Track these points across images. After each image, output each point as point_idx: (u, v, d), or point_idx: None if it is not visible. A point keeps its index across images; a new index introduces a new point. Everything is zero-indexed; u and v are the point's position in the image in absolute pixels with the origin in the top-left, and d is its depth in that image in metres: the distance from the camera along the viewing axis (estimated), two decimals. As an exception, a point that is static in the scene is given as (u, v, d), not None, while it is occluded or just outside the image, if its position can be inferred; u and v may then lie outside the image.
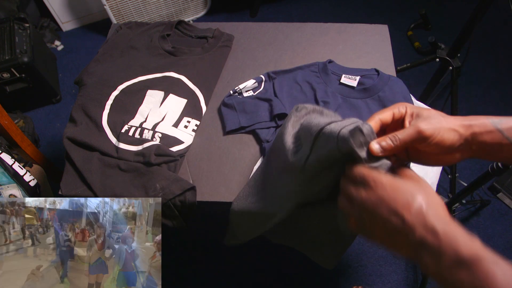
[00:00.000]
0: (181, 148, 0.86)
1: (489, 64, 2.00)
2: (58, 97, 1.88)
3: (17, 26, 1.68)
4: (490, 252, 0.34)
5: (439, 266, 0.35)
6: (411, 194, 0.39)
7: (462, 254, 0.34)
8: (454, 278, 0.34)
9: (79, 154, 0.84)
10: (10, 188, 1.04)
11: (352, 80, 0.92)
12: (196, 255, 1.45)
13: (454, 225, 0.36)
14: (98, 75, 0.96)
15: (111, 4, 1.87)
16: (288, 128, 0.64)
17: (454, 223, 0.37)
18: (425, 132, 0.43)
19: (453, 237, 0.35)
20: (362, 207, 0.42)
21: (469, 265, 0.33)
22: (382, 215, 0.40)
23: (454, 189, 1.45)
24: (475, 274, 0.33)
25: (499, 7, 2.09)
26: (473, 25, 1.16)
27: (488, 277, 0.32)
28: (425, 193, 0.39)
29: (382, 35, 1.08)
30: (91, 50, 2.11)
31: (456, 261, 0.34)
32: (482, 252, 0.34)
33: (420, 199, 0.38)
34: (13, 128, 1.14)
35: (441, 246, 0.35)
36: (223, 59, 1.03)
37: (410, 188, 0.39)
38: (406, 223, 0.38)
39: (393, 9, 2.27)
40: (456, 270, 0.34)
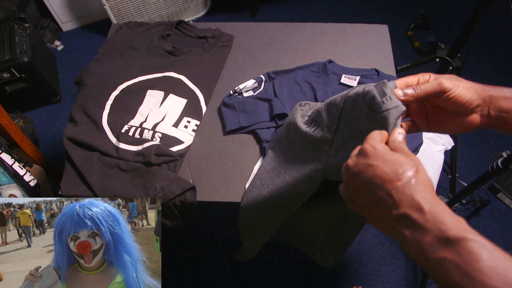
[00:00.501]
0: (181, 148, 0.86)
1: (489, 64, 2.00)
2: (58, 97, 1.88)
3: (17, 26, 1.68)
4: (476, 233, 0.33)
5: (421, 244, 0.34)
6: (402, 166, 0.38)
7: (448, 234, 0.33)
8: (436, 256, 0.33)
9: (79, 154, 0.84)
10: (10, 188, 1.04)
11: (352, 80, 0.92)
12: (196, 255, 1.45)
13: (441, 205, 0.36)
14: (98, 75, 0.96)
15: (111, 4, 1.87)
16: (297, 118, 0.70)
17: (442, 202, 0.36)
18: (445, 84, 0.45)
19: (440, 216, 0.34)
20: (353, 173, 0.42)
21: (454, 244, 0.33)
22: (368, 184, 0.39)
23: (454, 189, 1.45)
24: (460, 254, 0.32)
25: (499, 7, 2.09)
26: (473, 25, 1.16)
27: (473, 258, 0.31)
28: (416, 168, 0.38)
29: (382, 35, 1.08)
30: (91, 50, 2.11)
31: (440, 239, 0.33)
32: (468, 233, 0.33)
33: (410, 174, 0.37)
34: (13, 128, 1.14)
35: (426, 223, 0.34)
36: (223, 59, 1.03)
37: (402, 161, 0.39)
38: (392, 196, 0.37)
39: (393, 9, 2.27)
40: (440, 248, 0.33)
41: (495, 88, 0.47)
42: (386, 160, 0.39)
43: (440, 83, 0.46)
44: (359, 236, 1.47)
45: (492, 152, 1.66)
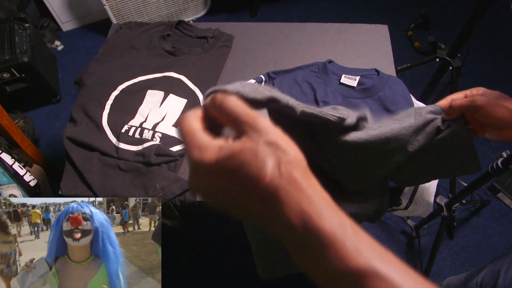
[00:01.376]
0: (181, 148, 0.86)
1: (489, 64, 2.00)
2: (58, 97, 1.88)
3: (17, 26, 1.68)
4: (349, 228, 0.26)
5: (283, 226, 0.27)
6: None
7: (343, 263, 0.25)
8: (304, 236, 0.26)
9: (79, 154, 0.84)
10: (10, 188, 1.04)
11: (352, 80, 0.92)
12: (196, 255, 1.45)
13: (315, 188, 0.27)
14: (98, 75, 0.96)
15: (111, 4, 1.87)
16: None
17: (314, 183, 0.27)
18: (477, 102, 0.50)
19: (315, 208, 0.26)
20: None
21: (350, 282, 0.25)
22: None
23: (454, 189, 1.45)
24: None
25: (499, 7, 2.09)
26: (473, 25, 1.16)
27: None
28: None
29: (382, 35, 1.08)
30: (91, 50, 2.11)
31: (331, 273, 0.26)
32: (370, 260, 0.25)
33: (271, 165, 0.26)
34: (13, 128, 1.14)
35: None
36: (223, 59, 1.03)
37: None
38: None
39: (393, 9, 2.27)
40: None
41: None
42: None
43: (473, 101, 0.51)
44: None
45: (492, 152, 1.66)
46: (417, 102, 0.91)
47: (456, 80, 1.34)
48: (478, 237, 1.46)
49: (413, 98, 0.90)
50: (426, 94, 1.54)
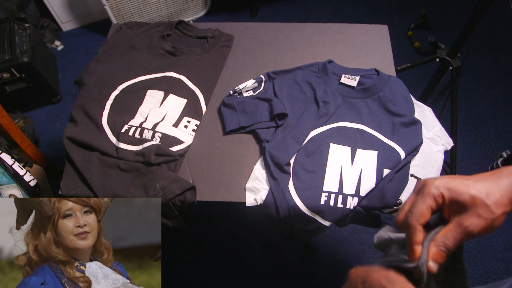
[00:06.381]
0: (181, 148, 0.86)
1: (489, 64, 2.00)
2: (58, 97, 1.88)
3: (17, 26, 1.68)
4: None
5: None
6: None
7: None
8: None
9: (79, 154, 0.84)
10: (10, 188, 1.04)
11: (352, 80, 0.92)
12: (196, 255, 1.46)
13: None
14: (98, 75, 0.96)
15: (111, 4, 1.87)
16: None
17: None
18: (474, 232, 0.41)
19: None
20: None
21: None
22: None
23: (454, 189, 1.44)
24: None
25: (499, 7, 2.09)
26: (473, 25, 1.16)
27: None
28: None
29: (382, 35, 1.08)
30: (91, 50, 2.11)
31: None
32: None
33: None
34: (13, 128, 1.14)
35: None
36: (223, 59, 1.03)
37: None
38: None
39: (393, 9, 2.27)
40: None
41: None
42: None
43: (466, 231, 0.41)
44: (359, 236, 1.47)
45: (492, 152, 1.66)
46: (417, 102, 0.91)
47: (456, 80, 1.34)
48: (478, 237, 1.46)
49: (413, 98, 0.90)
50: (426, 94, 1.54)
